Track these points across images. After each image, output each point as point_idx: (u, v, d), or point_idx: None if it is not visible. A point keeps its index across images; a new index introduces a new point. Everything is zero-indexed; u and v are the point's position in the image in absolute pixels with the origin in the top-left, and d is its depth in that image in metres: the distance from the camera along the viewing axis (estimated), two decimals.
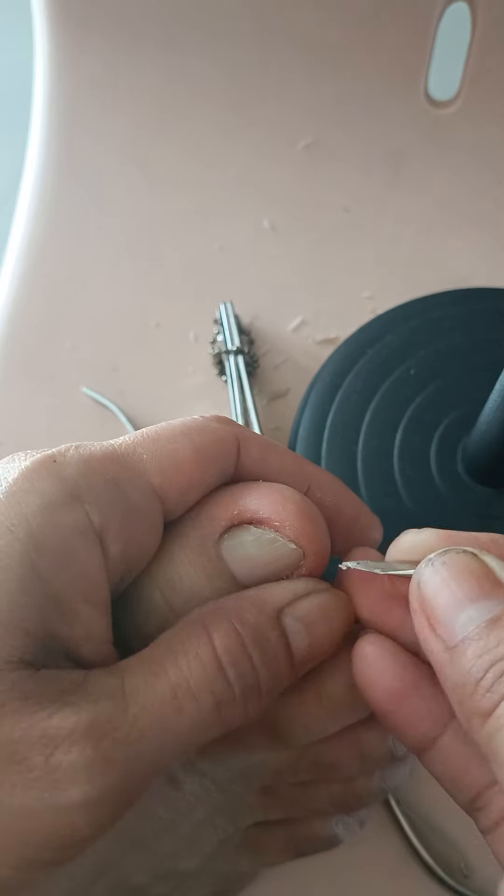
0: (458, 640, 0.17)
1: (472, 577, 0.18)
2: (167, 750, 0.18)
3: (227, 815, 0.27)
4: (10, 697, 0.17)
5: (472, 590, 0.18)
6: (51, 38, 0.48)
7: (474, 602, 0.18)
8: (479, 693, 0.17)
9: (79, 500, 0.19)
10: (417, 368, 0.38)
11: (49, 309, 0.44)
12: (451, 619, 0.18)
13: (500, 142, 0.48)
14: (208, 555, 0.21)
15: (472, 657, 0.17)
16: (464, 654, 0.17)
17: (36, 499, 0.19)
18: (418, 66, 0.47)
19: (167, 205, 0.47)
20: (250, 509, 0.21)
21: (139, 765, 0.17)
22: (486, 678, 0.17)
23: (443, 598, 0.18)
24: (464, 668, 0.17)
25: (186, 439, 0.21)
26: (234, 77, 0.49)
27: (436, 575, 0.18)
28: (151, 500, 0.20)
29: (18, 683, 0.17)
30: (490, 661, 0.17)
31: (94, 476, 0.19)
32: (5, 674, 0.17)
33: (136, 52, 0.49)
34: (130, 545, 0.20)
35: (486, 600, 0.18)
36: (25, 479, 0.19)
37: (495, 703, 0.17)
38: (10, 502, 0.19)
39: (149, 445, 0.21)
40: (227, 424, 0.22)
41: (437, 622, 0.18)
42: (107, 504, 0.19)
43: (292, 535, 0.21)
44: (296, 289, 0.44)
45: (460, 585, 0.18)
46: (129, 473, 0.20)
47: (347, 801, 0.28)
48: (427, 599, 0.18)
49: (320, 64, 0.48)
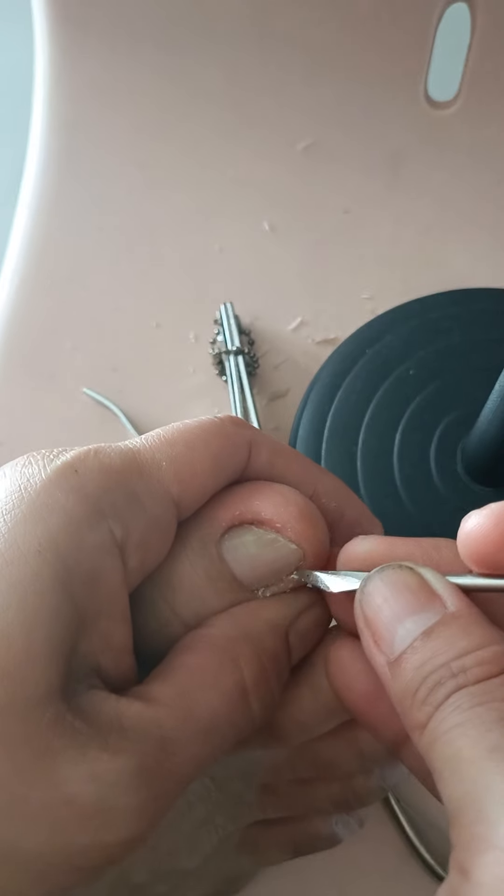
0: (397, 654, 0.18)
1: (408, 591, 0.18)
2: (195, 774, 0.19)
3: (226, 814, 0.27)
4: (55, 734, 0.17)
5: (408, 604, 0.18)
6: (51, 39, 0.48)
7: (411, 615, 0.18)
8: (415, 706, 0.17)
9: (102, 516, 0.19)
10: (417, 369, 0.38)
11: (49, 309, 0.44)
12: (391, 634, 0.18)
13: (499, 142, 0.48)
14: (209, 555, 0.21)
15: (410, 670, 0.17)
16: (402, 668, 0.18)
17: (61, 517, 0.18)
18: (418, 67, 0.47)
19: (167, 205, 0.47)
20: (252, 510, 0.21)
21: (175, 794, 0.18)
22: (420, 690, 0.17)
23: (383, 613, 0.18)
24: (403, 681, 0.18)
25: (204, 446, 0.21)
26: (234, 77, 0.49)
27: (375, 591, 0.19)
28: (169, 510, 0.20)
29: (58, 719, 0.17)
30: (425, 673, 0.17)
31: (116, 491, 0.19)
32: (46, 707, 0.17)
33: (136, 52, 0.49)
34: (148, 555, 0.20)
35: (422, 612, 0.18)
36: (48, 493, 0.19)
37: (429, 715, 0.17)
38: (35, 519, 0.18)
39: (167, 451, 0.21)
40: (242, 428, 0.22)
41: (378, 638, 0.18)
42: (129, 519, 0.19)
43: (293, 536, 0.21)
44: (296, 289, 0.44)
45: (397, 600, 0.18)
46: (149, 485, 0.20)
47: (347, 800, 0.28)
48: (368, 616, 0.19)
49: (320, 64, 0.48)
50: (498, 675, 0.16)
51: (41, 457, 0.20)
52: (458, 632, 0.17)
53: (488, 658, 0.17)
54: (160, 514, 0.20)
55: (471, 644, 0.17)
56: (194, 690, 0.19)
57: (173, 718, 0.18)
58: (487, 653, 0.17)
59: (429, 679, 0.17)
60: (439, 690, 0.17)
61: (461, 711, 0.16)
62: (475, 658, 0.17)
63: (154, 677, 0.20)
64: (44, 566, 0.18)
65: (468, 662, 0.17)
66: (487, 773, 0.15)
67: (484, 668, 0.16)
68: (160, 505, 0.20)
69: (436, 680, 0.17)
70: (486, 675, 0.16)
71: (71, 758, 0.17)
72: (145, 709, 0.18)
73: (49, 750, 0.17)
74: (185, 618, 0.21)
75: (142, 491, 0.20)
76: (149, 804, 0.17)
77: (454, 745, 0.16)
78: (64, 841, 0.17)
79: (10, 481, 0.19)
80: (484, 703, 0.16)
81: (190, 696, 0.19)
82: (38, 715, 0.17)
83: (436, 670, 0.17)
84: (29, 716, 0.17)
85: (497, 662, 0.16)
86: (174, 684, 0.19)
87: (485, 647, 0.17)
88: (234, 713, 0.19)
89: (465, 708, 0.16)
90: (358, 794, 0.28)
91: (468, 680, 0.16)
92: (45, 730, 0.17)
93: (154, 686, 0.19)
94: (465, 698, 0.16)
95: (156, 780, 0.18)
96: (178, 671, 0.20)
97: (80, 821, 0.17)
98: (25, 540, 0.18)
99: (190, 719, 0.19)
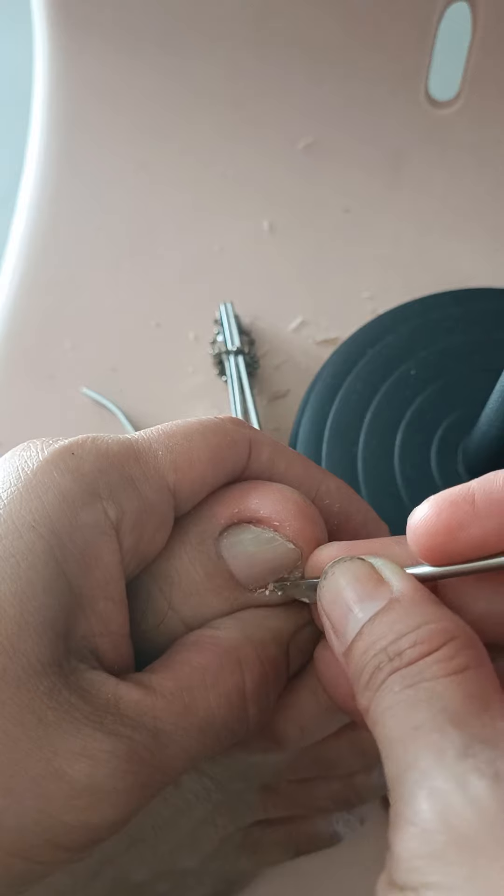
0: (349, 643, 0.18)
1: (357, 580, 0.19)
2: (185, 769, 0.19)
3: (227, 814, 0.27)
4: (49, 707, 0.17)
5: (356, 592, 0.18)
6: (51, 39, 0.48)
7: (359, 603, 0.18)
8: (360, 691, 0.17)
9: (97, 496, 0.19)
10: (418, 369, 0.38)
11: (49, 309, 0.44)
12: (344, 623, 0.18)
13: (500, 142, 0.48)
14: (207, 552, 0.21)
15: (356, 656, 0.18)
16: (351, 655, 0.18)
17: (56, 495, 0.19)
18: (418, 67, 0.47)
19: (167, 205, 0.47)
20: (250, 508, 0.21)
21: (162, 785, 0.18)
22: (363, 676, 0.17)
23: (337, 604, 0.19)
24: (353, 667, 0.18)
25: (202, 438, 0.21)
26: (234, 77, 0.48)
27: (330, 583, 0.19)
28: (165, 497, 0.21)
29: (54, 692, 0.17)
30: (368, 659, 0.17)
31: (111, 472, 0.20)
32: (41, 679, 0.17)
33: (136, 51, 0.49)
34: (143, 540, 0.20)
35: (370, 600, 0.18)
36: (44, 472, 0.19)
37: (369, 699, 0.17)
38: (30, 496, 0.19)
39: (165, 441, 0.21)
40: (242, 427, 0.22)
41: (335, 628, 0.19)
42: (123, 500, 0.20)
43: (291, 535, 0.21)
44: (296, 289, 0.44)
45: (348, 590, 0.19)
46: (144, 469, 0.20)
47: (348, 798, 0.28)
48: (326, 608, 0.19)
49: (320, 64, 0.48)
50: (431, 653, 0.17)
51: (40, 442, 0.20)
52: (397, 616, 0.18)
53: (423, 637, 0.17)
54: (155, 498, 0.20)
55: (408, 626, 0.17)
56: (194, 688, 0.19)
57: (170, 712, 0.18)
58: (423, 632, 0.17)
59: (369, 664, 0.17)
60: (378, 675, 0.17)
61: (393, 694, 0.16)
62: (409, 639, 0.17)
63: (155, 669, 0.20)
64: (37, 540, 0.18)
65: (404, 644, 0.17)
66: (409, 751, 0.15)
67: (416, 649, 0.17)
68: (155, 490, 0.20)
69: (375, 665, 0.17)
70: (420, 656, 0.17)
71: (65, 732, 0.17)
72: (144, 697, 0.18)
73: (42, 722, 0.17)
74: (183, 615, 0.21)
75: (137, 475, 0.20)
76: (135, 790, 0.18)
77: (386, 726, 0.16)
78: (48, 817, 0.17)
79: (8, 463, 0.19)
80: (413, 684, 0.16)
81: (189, 692, 0.19)
82: (31, 686, 0.17)
83: (376, 655, 0.17)
84: (22, 686, 0.17)
85: (430, 641, 0.17)
86: (175, 679, 0.19)
87: (421, 626, 0.17)
88: (231, 715, 0.20)
89: (396, 691, 0.16)
90: (359, 792, 0.28)
91: (402, 662, 0.17)
92: (39, 702, 0.17)
93: (155, 677, 0.19)
94: (398, 681, 0.16)
95: (145, 768, 0.18)
96: (181, 667, 0.20)
97: (67, 798, 0.17)
98: (20, 515, 0.18)
99: (186, 715, 0.19)
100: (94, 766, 0.17)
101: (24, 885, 0.18)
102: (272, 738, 0.23)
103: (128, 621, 0.20)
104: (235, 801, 0.27)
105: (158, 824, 0.26)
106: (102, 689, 0.18)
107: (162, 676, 0.19)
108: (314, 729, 0.23)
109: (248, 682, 0.20)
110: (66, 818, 0.17)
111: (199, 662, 0.20)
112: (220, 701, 0.19)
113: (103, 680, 0.18)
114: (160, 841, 0.26)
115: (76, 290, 0.44)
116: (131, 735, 0.18)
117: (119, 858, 0.25)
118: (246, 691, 0.20)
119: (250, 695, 0.20)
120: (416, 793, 0.15)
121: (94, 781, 0.17)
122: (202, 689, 0.19)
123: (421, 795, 0.14)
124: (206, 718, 0.19)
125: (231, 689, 0.20)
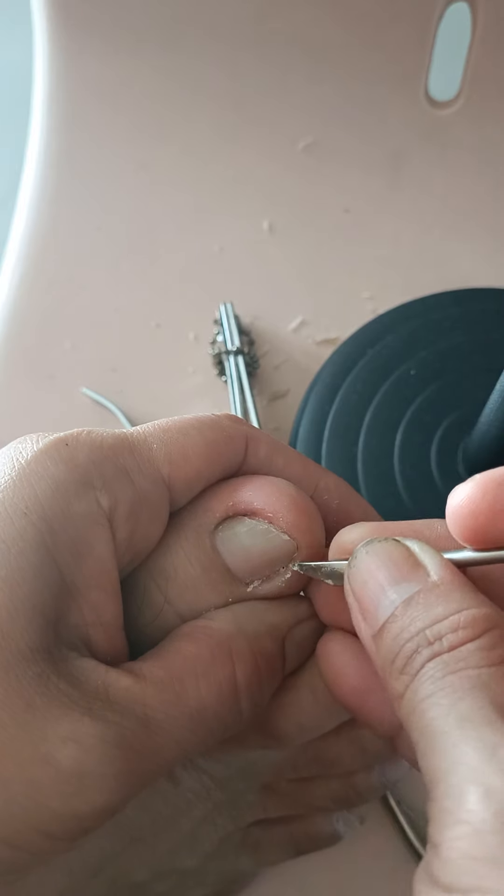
0: (380, 625, 0.17)
1: (392, 562, 0.18)
2: (176, 760, 0.19)
3: (227, 813, 0.27)
4: (37, 692, 0.17)
5: (391, 574, 0.18)
6: (51, 39, 0.48)
7: (394, 585, 0.18)
8: (394, 675, 0.17)
9: (90, 486, 0.19)
10: (418, 369, 0.38)
11: (49, 309, 0.44)
12: (375, 605, 0.18)
13: (500, 142, 0.48)
14: (203, 546, 0.21)
15: (389, 639, 0.17)
16: (383, 638, 0.17)
17: (49, 483, 0.19)
18: (418, 67, 0.47)
19: (167, 205, 0.47)
20: (245, 501, 0.21)
21: (153, 774, 0.18)
22: (397, 659, 0.17)
23: (368, 586, 0.18)
24: (383, 650, 0.17)
25: (198, 433, 0.21)
26: (234, 77, 0.49)
27: (361, 564, 0.18)
28: (159, 489, 0.21)
29: (42, 678, 0.17)
30: (403, 641, 0.17)
31: (105, 463, 0.20)
32: (29, 664, 0.17)
33: (136, 51, 0.49)
34: (137, 532, 0.20)
35: (405, 582, 0.18)
36: (38, 461, 0.19)
37: (405, 684, 0.16)
38: (23, 484, 0.19)
39: (160, 435, 0.21)
40: (238, 423, 0.22)
41: (364, 610, 0.18)
42: (117, 490, 0.20)
43: (286, 527, 0.21)
44: (296, 289, 0.44)
45: (381, 571, 0.18)
46: (138, 461, 0.20)
47: (348, 797, 0.28)
48: (355, 589, 0.18)
49: (320, 64, 0.48)
50: (473, 640, 0.16)
51: (36, 435, 0.20)
52: (436, 599, 0.17)
53: (465, 622, 0.16)
54: (149, 489, 0.20)
55: (448, 610, 0.17)
56: (185, 677, 0.19)
57: (160, 700, 0.18)
58: (464, 617, 0.16)
59: (406, 647, 0.17)
60: (416, 659, 0.16)
61: (434, 681, 0.16)
62: (450, 623, 0.16)
63: (147, 657, 0.20)
64: (28, 527, 0.18)
65: (444, 628, 0.16)
66: (457, 745, 0.15)
67: (459, 634, 0.16)
68: (149, 481, 0.20)
69: (412, 648, 0.16)
70: (461, 641, 0.16)
71: (53, 717, 0.17)
72: (133, 684, 0.18)
73: (30, 707, 0.17)
74: (179, 608, 0.21)
75: (131, 466, 0.20)
76: (124, 778, 0.17)
77: (426, 715, 0.15)
78: (35, 803, 0.16)
79: (3, 455, 0.20)
80: (457, 671, 0.16)
81: (180, 681, 0.19)
82: (19, 671, 0.17)
83: (412, 638, 0.17)
84: (10, 671, 0.17)
85: (474, 627, 0.16)
86: (166, 668, 0.19)
87: (462, 611, 0.16)
88: (222, 707, 0.19)
89: (437, 677, 0.16)
90: (359, 791, 0.28)
91: (443, 647, 0.16)
92: (27, 687, 0.17)
93: (145, 665, 0.19)
94: (439, 667, 0.16)
95: (134, 754, 0.18)
96: (172, 656, 0.20)
97: (54, 784, 0.17)
98: (13, 503, 0.18)
99: (177, 704, 0.19)
100: (82, 750, 0.17)
101: (10, 875, 0.18)
102: (270, 736, 0.23)
103: (121, 612, 0.20)
104: (236, 800, 0.27)
105: (157, 823, 0.26)
106: (92, 676, 0.18)
107: (153, 665, 0.19)
108: (313, 726, 0.23)
109: (239, 673, 0.20)
110: (53, 804, 0.17)
111: (190, 652, 0.20)
112: (210, 691, 0.19)
113: (93, 667, 0.18)
114: (160, 840, 0.26)
115: (76, 290, 0.44)
116: (120, 721, 0.17)
117: (118, 858, 0.25)
118: (238, 683, 0.20)
119: (242, 687, 0.20)
120: (468, 789, 0.14)
121: (81, 766, 0.17)
122: (193, 679, 0.19)
123: (474, 793, 0.14)
124: (197, 708, 0.19)
125: (222, 680, 0.19)
